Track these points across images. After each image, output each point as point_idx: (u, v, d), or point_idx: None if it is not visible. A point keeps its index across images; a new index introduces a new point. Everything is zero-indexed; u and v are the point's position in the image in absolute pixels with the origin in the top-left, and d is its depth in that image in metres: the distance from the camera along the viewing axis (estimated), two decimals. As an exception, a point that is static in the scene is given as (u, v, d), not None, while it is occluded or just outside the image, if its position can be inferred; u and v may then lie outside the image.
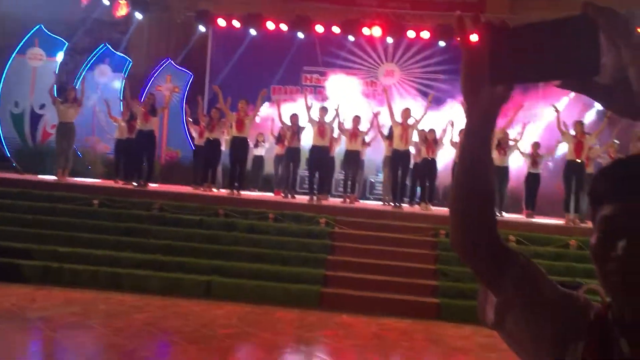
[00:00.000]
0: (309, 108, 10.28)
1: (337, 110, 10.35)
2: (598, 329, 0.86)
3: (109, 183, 10.89)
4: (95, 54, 14.56)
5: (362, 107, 12.46)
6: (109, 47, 14.69)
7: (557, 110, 10.00)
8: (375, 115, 10.88)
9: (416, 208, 10.70)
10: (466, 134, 0.92)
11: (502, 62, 0.78)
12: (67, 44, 14.26)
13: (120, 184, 10.61)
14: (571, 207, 9.90)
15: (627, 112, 0.73)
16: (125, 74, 14.25)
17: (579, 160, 9.81)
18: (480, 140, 0.91)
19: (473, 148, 0.91)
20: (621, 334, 0.83)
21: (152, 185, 10.74)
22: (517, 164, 11.31)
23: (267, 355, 5.29)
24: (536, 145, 10.84)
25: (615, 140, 10.48)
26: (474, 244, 0.95)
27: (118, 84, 14.08)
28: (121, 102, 13.01)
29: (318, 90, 14.79)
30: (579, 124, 9.93)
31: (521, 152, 10.83)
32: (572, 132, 9.92)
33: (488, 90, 0.85)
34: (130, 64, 14.72)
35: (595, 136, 10.03)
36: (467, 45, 0.85)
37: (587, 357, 0.85)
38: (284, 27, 14.38)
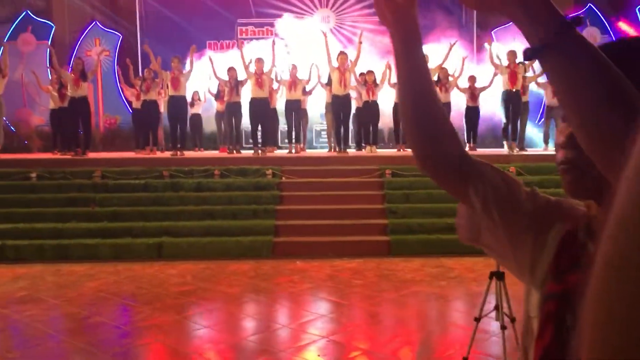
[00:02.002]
0: (246, 63, 10.09)
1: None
2: (572, 235, 0.87)
3: (47, 155, 10.52)
4: (16, 22, 13.80)
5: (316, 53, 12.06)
6: (30, 13, 13.93)
7: (489, 43, 10.16)
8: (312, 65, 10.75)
9: (362, 152, 10.77)
10: (395, 58, 0.93)
11: None
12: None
13: (58, 155, 10.27)
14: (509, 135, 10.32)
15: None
16: (50, 41, 13.58)
17: (514, 89, 10.08)
18: (407, 60, 0.92)
19: (402, 68, 0.93)
20: (588, 237, 0.84)
21: (92, 154, 10.44)
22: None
23: (225, 306, 5.34)
24: (473, 79, 10.93)
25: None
26: (432, 158, 0.95)
27: (44, 53, 13.43)
28: (49, 71, 12.44)
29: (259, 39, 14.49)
30: (511, 54, 10.12)
31: (458, 88, 10.91)
32: (506, 63, 10.12)
33: (394, 8, 0.88)
34: (55, 29, 14.02)
35: (529, 65, 10.26)
36: None
37: (560, 257, 0.87)
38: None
